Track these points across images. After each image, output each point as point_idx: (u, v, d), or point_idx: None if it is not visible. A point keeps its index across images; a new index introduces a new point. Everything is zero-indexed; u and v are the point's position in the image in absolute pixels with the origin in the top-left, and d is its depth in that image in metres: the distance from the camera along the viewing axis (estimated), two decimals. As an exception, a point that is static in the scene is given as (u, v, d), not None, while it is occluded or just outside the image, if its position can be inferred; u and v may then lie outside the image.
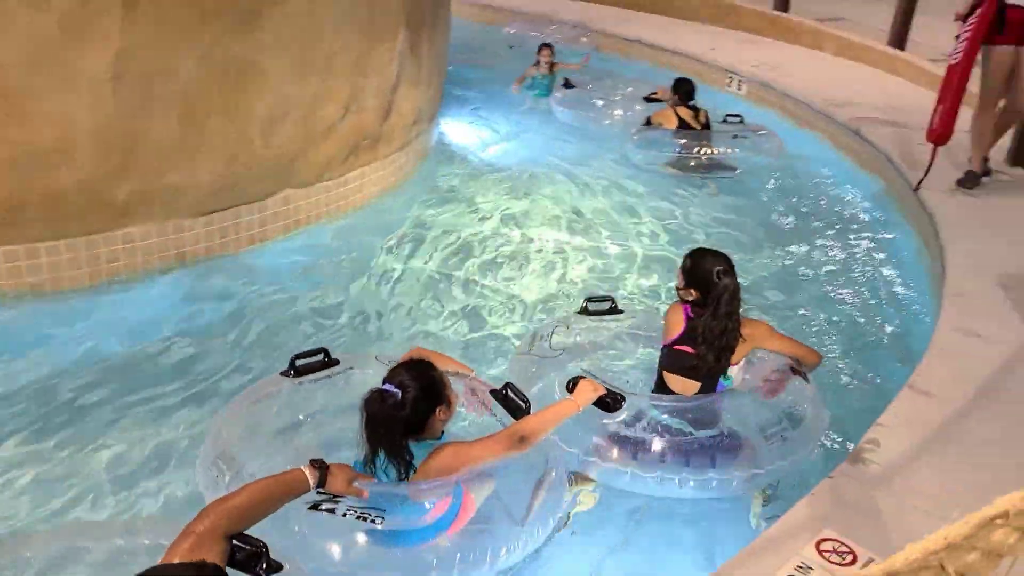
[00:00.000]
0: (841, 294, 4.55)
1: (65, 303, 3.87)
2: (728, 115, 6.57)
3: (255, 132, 4.34)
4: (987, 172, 5.29)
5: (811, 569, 2.21)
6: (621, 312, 3.52)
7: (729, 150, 6.19)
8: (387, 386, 2.33)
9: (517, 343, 3.65)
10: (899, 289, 4.62)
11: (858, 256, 5.06)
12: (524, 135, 7.15)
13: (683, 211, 5.69)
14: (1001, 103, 5.18)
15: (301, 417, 2.76)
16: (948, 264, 4.14)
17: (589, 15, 10.60)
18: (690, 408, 2.88)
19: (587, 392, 2.64)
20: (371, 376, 2.74)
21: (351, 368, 2.86)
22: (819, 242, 5.25)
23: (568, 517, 2.74)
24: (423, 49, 5.62)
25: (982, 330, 3.49)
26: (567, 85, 7.60)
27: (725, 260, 2.99)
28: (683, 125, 6.35)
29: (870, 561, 2.19)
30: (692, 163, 6.16)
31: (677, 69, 8.72)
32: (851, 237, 5.32)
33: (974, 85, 5.09)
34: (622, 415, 2.75)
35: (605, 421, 2.75)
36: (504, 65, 8.96)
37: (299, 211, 4.77)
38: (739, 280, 2.99)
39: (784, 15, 10.00)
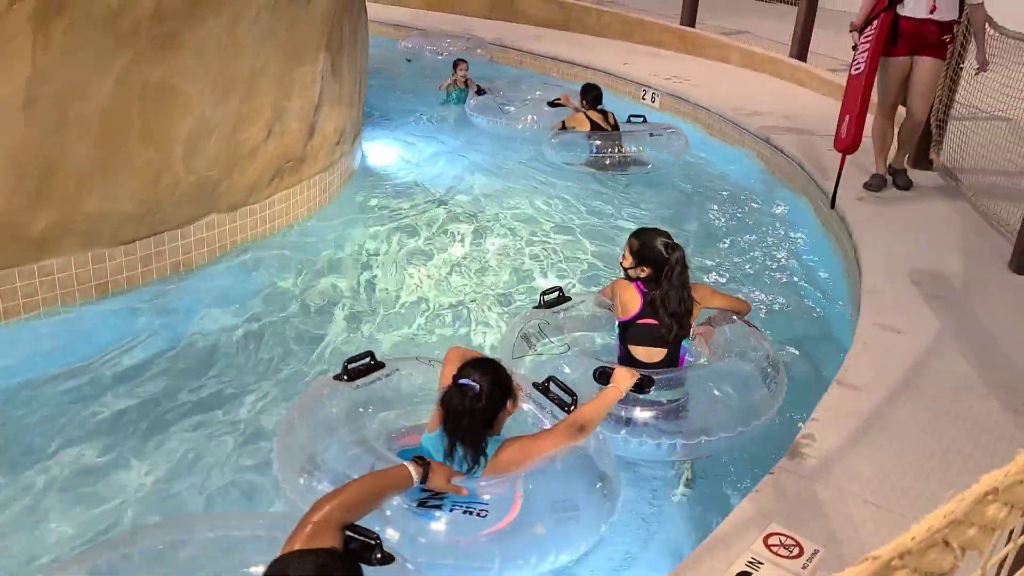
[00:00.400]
0: (760, 295, 4.71)
1: (-21, 340, 3.69)
2: (631, 116, 7.05)
3: (177, 156, 4.23)
4: (905, 181, 5.52)
5: (761, 564, 2.28)
6: (569, 299, 3.76)
7: (640, 148, 6.69)
8: (464, 381, 2.48)
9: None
10: (817, 289, 4.83)
11: (776, 257, 5.26)
12: (443, 147, 7.20)
13: (601, 206, 5.94)
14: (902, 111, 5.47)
15: (365, 417, 2.90)
16: (863, 264, 4.35)
17: (503, 33, 10.74)
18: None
19: (626, 378, 2.90)
20: (416, 376, 3.04)
21: (397, 370, 3.04)
22: (735, 245, 5.44)
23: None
24: (344, 69, 5.59)
25: (899, 325, 3.68)
26: (479, 92, 7.85)
27: (668, 235, 3.36)
28: (595, 127, 6.80)
29: (815, 553, 2.28)
30: (608, 161, 6.69)
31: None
32: (768, 240, 5.53)
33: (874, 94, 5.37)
34: (652, 393, 3.04)
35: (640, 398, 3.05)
36: (405, 80, 9.10)
37: (224, 236, 4.67)
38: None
39: (691, 29, 10.34)
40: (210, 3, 4.17)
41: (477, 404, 2.46)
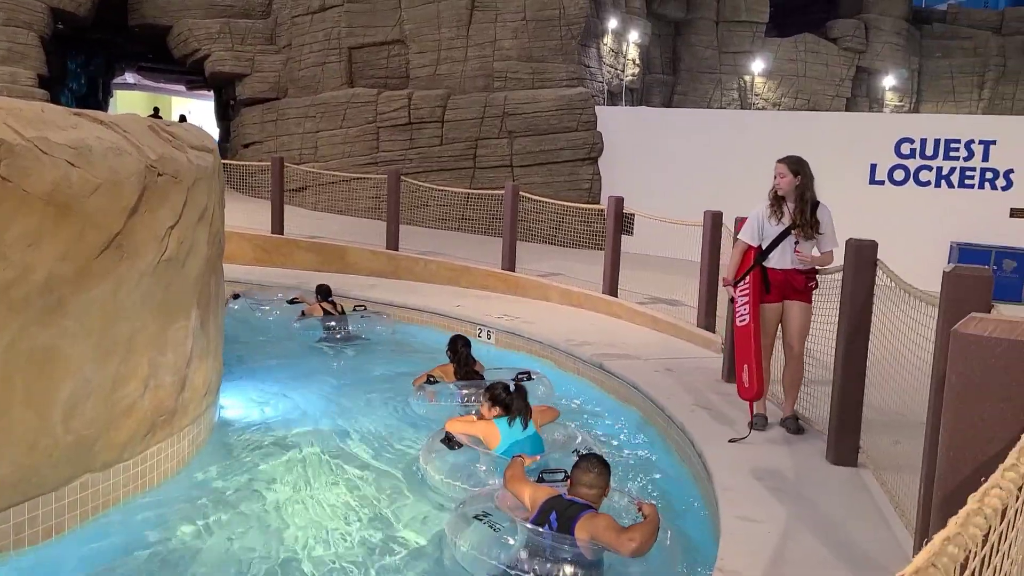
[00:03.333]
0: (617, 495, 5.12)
1: None
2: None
3: (56, 418, 4.22)
4: (795, 427, 5.67)
5: None
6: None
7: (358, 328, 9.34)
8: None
9: None
10: (670, 489, 5.34)
11: (629, 467, 5.75)
12: (280, 384, 7.38)
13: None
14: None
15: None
16: (710, 465, 4.95)
17: (339, 283, 11.32)
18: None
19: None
20: None
21: None
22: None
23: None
24: (211, 323, 5.82)
25: (754, 515, 4.23)
26: (235, 297, 9.99)
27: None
28: (327, 313, 9.30)
29: None
30: (338, 336, 9.09)
31: (429, 325, 9.61)
32: (615, 454, 6.05)
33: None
34: None
35: None
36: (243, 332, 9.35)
37: (97, 496, 4.55)
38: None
39: (512, 273, 11.44)
40: (96, 272, 4.40)
41: None
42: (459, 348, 7.04)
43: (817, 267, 5.68)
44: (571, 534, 3.86)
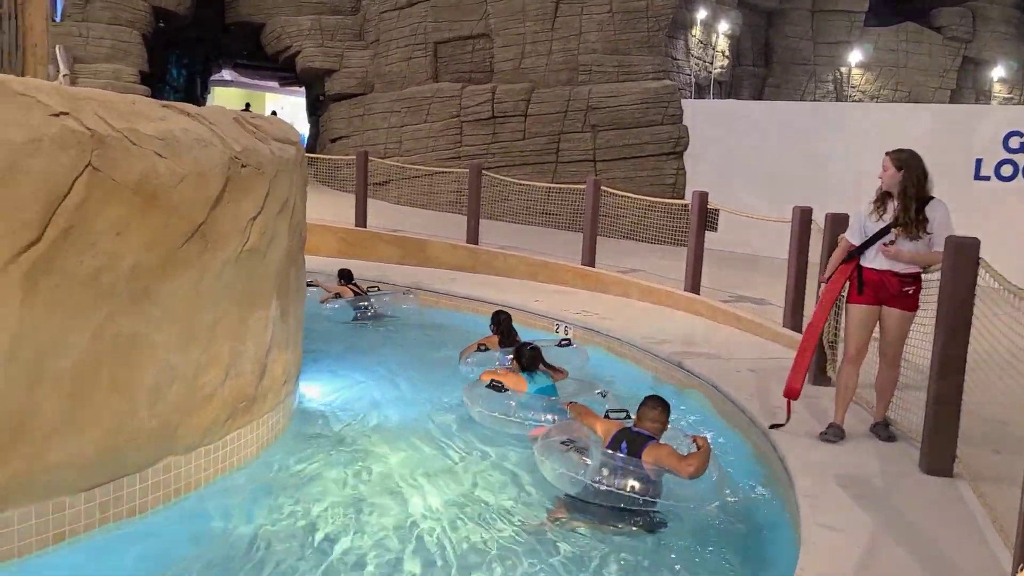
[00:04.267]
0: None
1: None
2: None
3: (141, 402, 4.35)
4: (886, 434, 5.38)
5: None
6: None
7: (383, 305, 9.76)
8: None
9: None
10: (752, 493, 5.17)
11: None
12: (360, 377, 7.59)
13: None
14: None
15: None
16: (792, 470, 4.75)
17: (420, 277, 11.41)
18: None
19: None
20: None
21: None
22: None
23: None
24: (290, 314, 5.92)
25: (838, 524, 4.03)
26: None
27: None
28: (356, 294, 9.72)
29: None
30: (369, 314, 9.62)
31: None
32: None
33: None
34: None
35: None
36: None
37: (180, 478, 4.68)
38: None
39: (592, 268, 11.31)
40: (180, 261, 4.51)
41: None
42: (501, 320, 7.88)
43: (921, 268, 5.22)
44: (638, 458, 4.73)
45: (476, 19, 18.65)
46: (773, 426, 5.48)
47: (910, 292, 5.22)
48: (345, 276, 10.10)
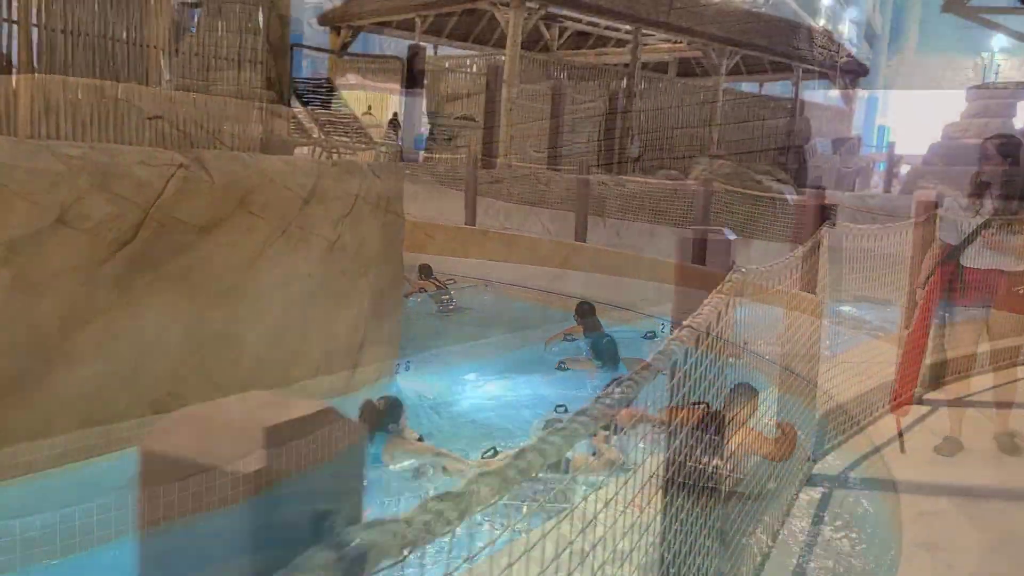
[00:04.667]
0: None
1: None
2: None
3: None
4: (1009, 445, 4.83)
5: None
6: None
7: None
8: None
9: None
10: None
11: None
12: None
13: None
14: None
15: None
16: (899, 483, 4.42)
17: (525, 274, 11.39)
18: None
19: None
20: None
21: None
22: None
23: None
24: (384, 311, 6.01)
25: (942, 543, 3.71)
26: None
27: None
28: (438, 287, 10.14)
29: None
30: (451, 308, 9.96)
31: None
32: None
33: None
34: None
35: None
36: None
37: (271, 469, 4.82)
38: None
39: (702, 266, 10.97)
40: (270, 258, 4.64)
41: None
42: (584, 310, 8.18)
43: None
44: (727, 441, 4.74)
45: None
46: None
47: (1021, 292, 4.74)
48: (425, 272, 10.53)
